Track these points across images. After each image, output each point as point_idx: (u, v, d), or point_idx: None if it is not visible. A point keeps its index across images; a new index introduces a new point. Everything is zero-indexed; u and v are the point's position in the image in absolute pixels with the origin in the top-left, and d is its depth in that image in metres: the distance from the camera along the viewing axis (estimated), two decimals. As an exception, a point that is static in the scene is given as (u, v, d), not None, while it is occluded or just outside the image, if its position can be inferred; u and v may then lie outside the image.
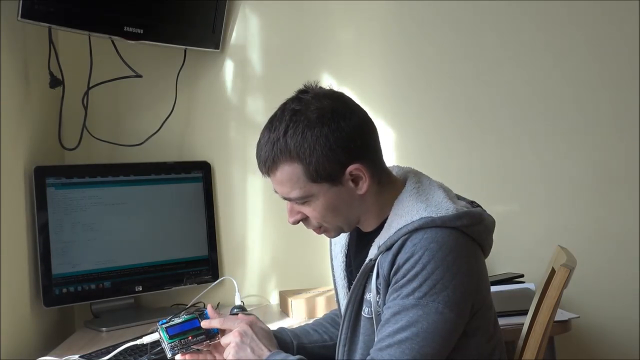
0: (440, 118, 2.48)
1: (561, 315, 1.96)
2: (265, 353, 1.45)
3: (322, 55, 2.46)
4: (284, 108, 1.42)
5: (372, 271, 1.41)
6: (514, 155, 2.47)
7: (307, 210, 1.43)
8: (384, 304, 1.38)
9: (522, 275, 2.31)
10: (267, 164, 1.40)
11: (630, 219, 2.44)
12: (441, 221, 1.36)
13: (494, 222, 1.48)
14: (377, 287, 1.40)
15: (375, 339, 1.38)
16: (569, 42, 2.46)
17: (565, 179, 2.46)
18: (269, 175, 1.42)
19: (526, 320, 1.72)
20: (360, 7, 2.45)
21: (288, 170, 1.38)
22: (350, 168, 1.39)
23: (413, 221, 1.37)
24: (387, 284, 1.38)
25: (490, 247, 1.48)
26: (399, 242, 1.36)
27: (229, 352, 1.46)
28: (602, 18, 2.45)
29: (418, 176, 1.50)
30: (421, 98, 2.48)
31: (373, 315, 1.41)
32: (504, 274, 2.32)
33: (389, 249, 1.38)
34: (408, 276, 1.34)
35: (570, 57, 2.46)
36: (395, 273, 1.36)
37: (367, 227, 1.48)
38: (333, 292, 2.27)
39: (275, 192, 1.45)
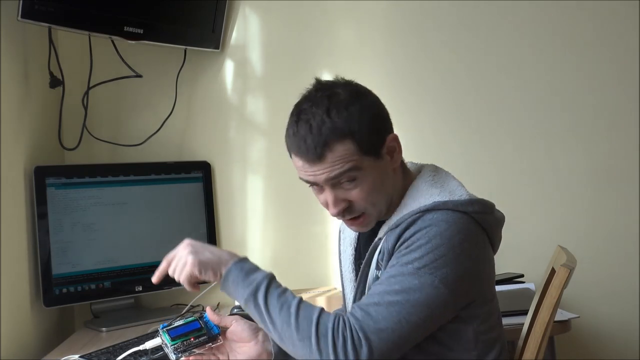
0: (440, 119, 2.48)
1: (561, 315, 1.96)
2: (229, 256, 1.40)
3: (322, 55, 2.46)
4: (311, 99, 1.40)
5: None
6: (514, 155, 2.47)
7: (353, 193, 1.40)
8: None
9: (522, 275, 2.31)
10: (318, 149, 1.36)
11: (630, 219, 2.44)
12: (453, 204, 1.37)
13: (503, 217, 1.49)
14: (377, 262, 1.41)
15: (364, 296, 1.38)
16: (570, 42, 2.46)
17: (565, 179, 2.46)
18: (319, 161, 1.37)
19: (526, 320, 1.72)
20: (360, 6, 2.46)
21: (340, 148, 1.37)
22: (389, 138, 1.42)
23: (426, 204, 1.38)
24: (390, 257, 1.38)
25: (499, 242, 1.49)
26: (409, 220, 1.37)
27: (181, 258, 1.41)
28: (602, 18, 2.45)
29: (435, 167, 1.52)
30: (421, 99, 2.48)
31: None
32: (504, 274, 2.31)
33: (398, 226, 1.39)
34: (412, 247, 1.34)
35: (569, 57, 2.46)
36: (401, 245, 1.37)
37: (385, 214, 1.48)
38: (333, 292, 2.28)
39: (313, 184, 1.41)
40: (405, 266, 1.34)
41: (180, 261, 1.41)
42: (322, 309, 1.34)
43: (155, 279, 1.45)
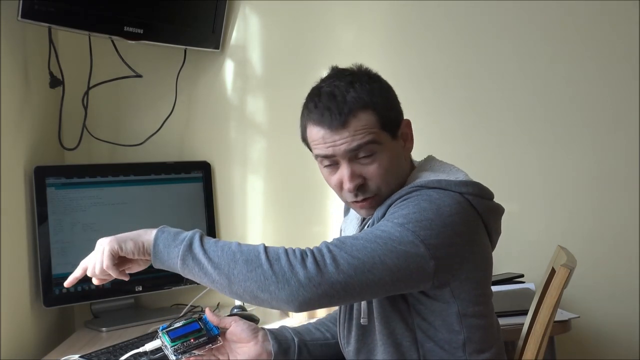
0: (441, 118, 2.48)
1: (561, 315, 1.97)
2: (147, 229, 1.35)
3: (322, 55, 2.46)
4: (331, 77, 1.43)
5: None
6: (514, 155, 2.47)
7: (370, 169, 1.40)
8: None
9: (522, 275, 2.31)
10: (342, 116, 1.37)
11: (630, 219, 2.44)
12: (446, 183, 1.38)
13: (502, 209, 1.48)
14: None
15: None
16: (570, 42, 2.46)
17: (565, 179, 2.46)
18: (343, 128, 1.38)
19: (526, 320, 1.72)
20: (361, 7, 2.45)
21: (363, 117, 1.39)
22: (404, 122, 1.46)
23: (420, 182, 1.40)
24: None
25: (497, 234, 1.48)
26: (402, 192, 1.39)
27: (98, 248, 1.35)
28: (602, 18, 2.45)
29: (435, 158, 1.54)
30: (421, 98, 2.47)
31: None
32: (504, 274, 2.32)
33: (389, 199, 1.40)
34: (401, 205, 1.35)
35: (569, 58, 2.45)
36: (391, 208, 1.37)
37: None
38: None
39: (331, 157, 1.40)
40: (390, 221, 1.33)
41: (98, 250, 1.36)
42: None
43: (67, 283, 1.42)
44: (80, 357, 1.77)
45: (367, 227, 1.44)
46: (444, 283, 1.37)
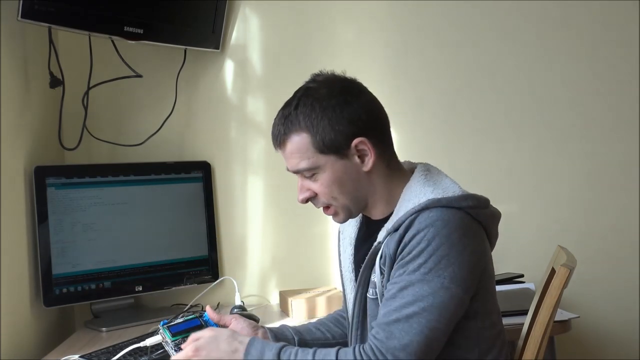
0: (440, 118, 2.48)
1: (561, 315, 1.96)
2: (238, 349, 1.40)
3: (322, 55, 2.46)
4: (298, 90, 1.48)
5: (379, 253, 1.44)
6: (514, 155, 2.47)
7: (315, 185, 1.47)
8: (388, 281, 1.40)
9: (522, 275, 2.31)
10: (279, 138, 1.46)
11: (629, 219, 2.44)
12: (447, 201, 1.39)
13: (499, 213, 1.50)
14: (380, 267, 1.43)
15: (381, 313, 1.39)
16: (569, 43, 2.46)
17: (564, 179, 2.46)
18: (280, 148, 1.47)
19: (526, 320, 1.72)
20: (361, 7, 2.46)
21: (297, 141, 1.44)
22: (356, 141, 1.43)
23: (420, 203, 1.40)
24: (392, 263, 1.40)
25: (496, 238, 1.50)
26: (406, 222, 1.39)
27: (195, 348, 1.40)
28: (602, 19, 2.45)
29: (427, 166, 1.54)
30: (421, 98, 2.48)
31: (378, 296, 1.43)
32: (504, 274, 2.32)
33: (396, 230, 1.40)
34: (414, 252, 1.36)
35: (568, 58, 2.46)
36: (402, 250, 1.38)
37: (376, 214, 1.51)
38: (333, 292, 2.28)
39: (287, 169, 1.50)
40: (412, 274, 1.35)
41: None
42: (338, 349, 1.37)
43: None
44: (80, 357, 1.77)
45: (380, 259, 1.43)
46: (472, 302, 1.41)
